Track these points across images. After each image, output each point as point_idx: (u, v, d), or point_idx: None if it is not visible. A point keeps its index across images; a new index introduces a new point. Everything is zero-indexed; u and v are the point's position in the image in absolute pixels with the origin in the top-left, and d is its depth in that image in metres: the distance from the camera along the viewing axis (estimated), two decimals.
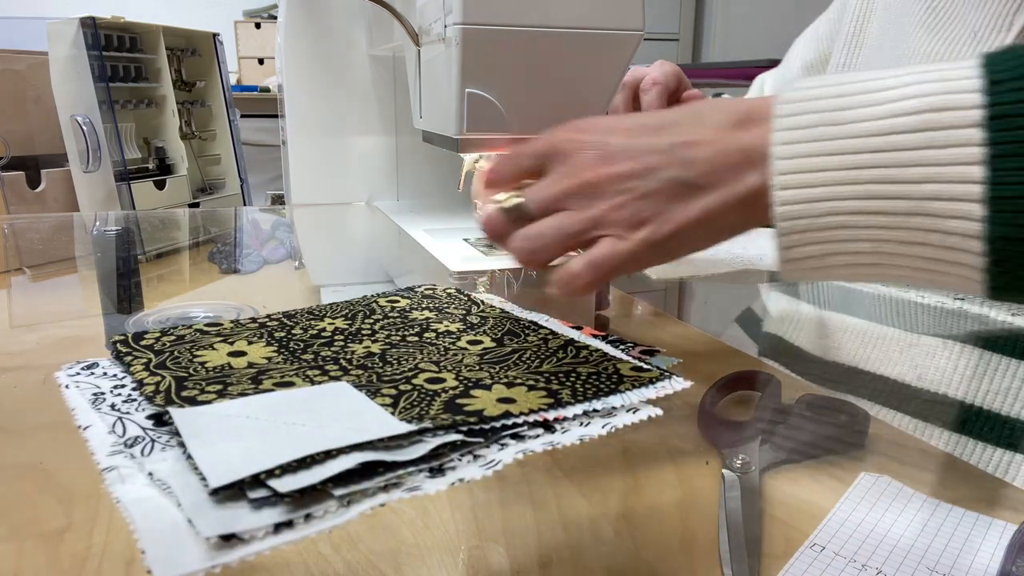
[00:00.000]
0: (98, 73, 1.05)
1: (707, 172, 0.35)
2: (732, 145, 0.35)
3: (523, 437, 0.30)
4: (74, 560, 0.31)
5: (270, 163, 2.12)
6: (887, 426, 0.47)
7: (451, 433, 0.28)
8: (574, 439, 0.30)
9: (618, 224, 0.37)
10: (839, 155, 0.32)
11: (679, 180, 0.36)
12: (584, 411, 0.32)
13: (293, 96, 0.82)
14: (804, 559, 0.32)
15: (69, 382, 0.34)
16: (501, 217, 0.41)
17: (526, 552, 0.33)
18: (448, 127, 0.51)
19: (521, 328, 0.43)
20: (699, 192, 0.36)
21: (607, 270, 0.37)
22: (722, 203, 0.35)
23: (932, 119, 0.30)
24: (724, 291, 0.85)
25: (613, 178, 0.37)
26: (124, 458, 0.27)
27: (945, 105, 0.30)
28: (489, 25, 0.46)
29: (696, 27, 3.40)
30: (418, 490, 0.26)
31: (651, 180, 0.37)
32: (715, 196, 0.35)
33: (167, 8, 2.72)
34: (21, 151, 1.10)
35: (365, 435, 0.27)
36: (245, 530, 0.22)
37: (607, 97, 0.51)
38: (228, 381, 0.34)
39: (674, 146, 0.36)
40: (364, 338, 0.41)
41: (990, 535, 0.34)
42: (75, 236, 1.01)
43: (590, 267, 0.38)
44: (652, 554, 0.33)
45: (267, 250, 0.91)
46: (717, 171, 0.35)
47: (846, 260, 0.33)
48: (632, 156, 0.37)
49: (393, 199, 0.87)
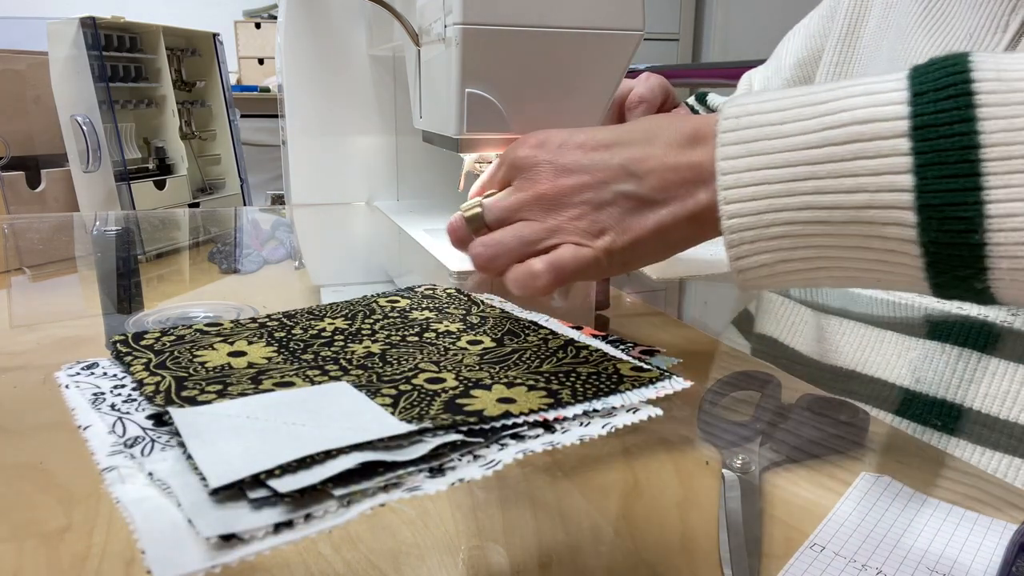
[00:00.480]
0: (98, 73, 1.05)
1: (658, 187, 0.37)
2: (682, 162, 0.37)
3: (523, 437, 0.30)
4: (74, 560, 0.31)
5: (270, 163, 2.12)
6: (887, 426, 0.47)
7: (451, 433, 0.28)
8: (574, 439, 0.30)
9: (577, 232, 0.39)
10: (777, 168, 0.33)
11: (631, 194, 0.38)
12: (584, 411, 0.32)
13: (293, 96, 0.82)
14: (804, 559, 0.32)
15: (69, 382, 0.34)
16: (462, 224, 0.43)
17: (526, 552, 0.33)
18: (448, 127, 0.51)
19: (521, 328, 0.43)
20: (652, 206, 0.37)
21: (568, 272, 0.39)
22: (674, 218, 0.37)
23: (861, 131, 0.31)
24: (724, 291, 0.85)
25: (568, 190, 0.39)
26: (124, 458, 0.27)
27: (872, 117, 0.31)
28: (489, 25, 0.46)
29: (696, 27, 3.40)
30: (418, 490, 0.26)
31: (605, 192, 0.38)
32: (667, 211, 0.37)
33: (167, 8, 2.72)
34: (21, 151, 1.10)
35: (365, 435, 0.27)
36: (245, 530, 0.22)
37: (607, 97, 0.51)
38: (228, 381, 0.34)
39: (625, 162, 0.38)
40: (364, 338, 0.41)
41: (990, 535, 0.34)
42: (75, 236, 1.01)
43: (550, 267, 0.39)
44: (652, 554, 0.33)
45: (267, 250, 0.91)
46: (668, 187, 0.37)
47: (796, 267, 0.34)
48: (586, 170, 0.39)
49: (393, 199, 0.87)
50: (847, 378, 0.58)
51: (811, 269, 0.34)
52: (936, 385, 0.53)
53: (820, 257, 0.34)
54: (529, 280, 0.39)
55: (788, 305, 0.70)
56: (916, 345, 0.55)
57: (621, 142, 0.39)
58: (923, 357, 0.54)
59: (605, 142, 0.39)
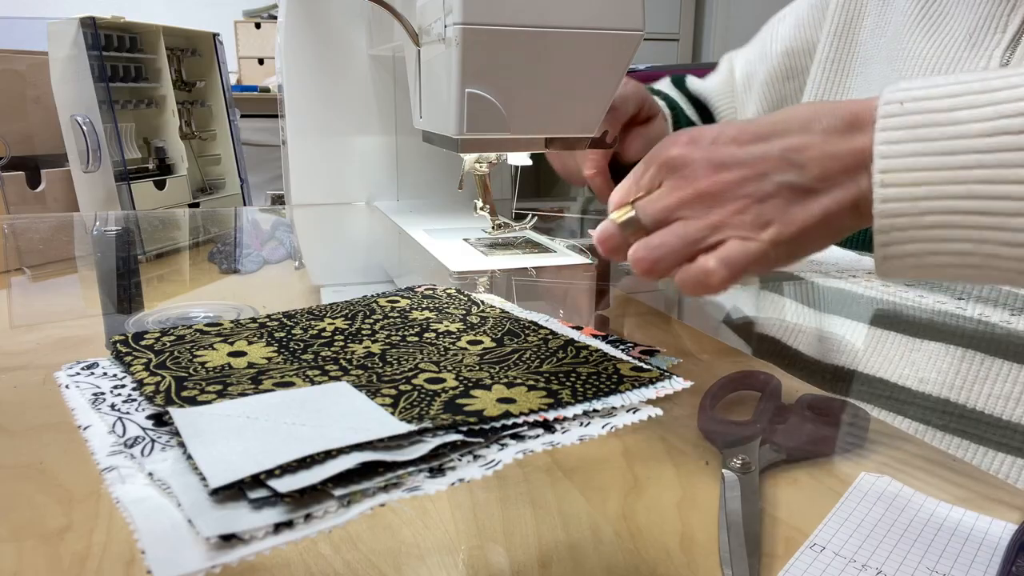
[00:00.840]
0: (98, 73, 1.05)
1: (820, 176, 0.36)
2: (842, 148, 0.36)
3: (523, 437, 0.30)
4: (74, 560, 0.31)
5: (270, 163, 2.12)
6: (887, 426, 0.47)
7: (451, 433, 0.28)
8: (574, 439, 0.30)
9: (742, 227, 0.37)
10: (943, 155, 0.32)
11: (794, 184, 0.37)
12: (584, 411, 0.32)
13: (293, 96, 0.82)
14: (804, 559, 0.32)
15: (69, 382, 0.34)
16: (616, 231, 0.40)
17: (526, 552, 0.33)
18: (448, 127, 0.51)
19: (521, 328, 0.43)
20: (814, 195, 0.36)
21: (740, 267, 0.37)
22: (838, 206, 0.36)
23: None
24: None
25: (728, 185, 0.38)
26: (124, 458, 0.27)
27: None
28: (489, 25, 0.46)
29: (696, 27, 3.40)
30: (418, 490, 0.26)
31: (766, 184, 0.37)
32: (830, 198, 0.36)
33: (167, 8, 2.72)
34: (21, 151, 1.10)
35: (365, 435, 0.27)
36: (245, 530, 0.22)
37: (607, 97, 0.51)
38: (228, 381, 0.34)
39: (785, 151, 0.37)
40: (364, 338, 0.41)
41: (990, 535, 0.34)
42: (75, 236, 1.01)
43: (724, 264, 0.37)
44: (652, 554, 0.33)
45: (267, 250, 0.91)
46: (829, 175, 0.36)
47: (947, 260, 0.33)
48: (744, 163, 0.38)
49: (393, 199, 0.87)
50: (847, 378, 0.58)
51: (961, 265, 0.33)
52: (939, 386, 0.53)
53: (975, 253, 0.32)
54: (703, 278, 0.38)
55: (788, 305, 0.70)
56: (918, 346, 0.55)
57: (777, 132, 0.38)
58: (925, 358, 0.54)
59: (761, 133, 0.38)
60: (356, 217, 0.87)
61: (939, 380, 0.53)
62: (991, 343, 0.52)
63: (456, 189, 0.58)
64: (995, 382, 0.50)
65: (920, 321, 0.57)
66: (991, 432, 0.49)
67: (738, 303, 0.76)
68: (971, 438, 0.50)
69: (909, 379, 0.54)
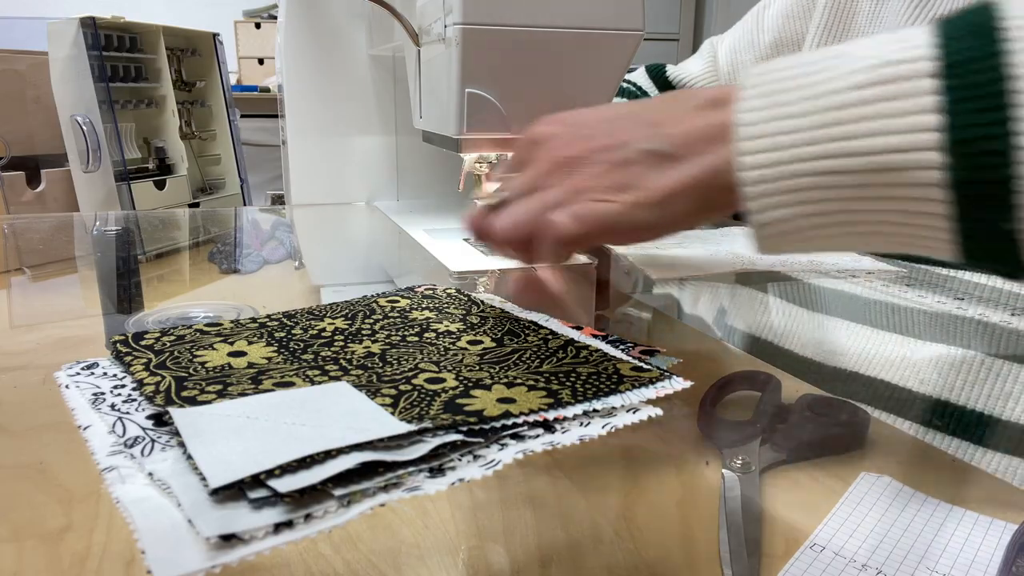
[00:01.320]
0: (98, 73, 1.05)
1: (680, 144, 0.36)
2: (706, 121, 0.36)
3: (523, 437, 0.30)
4: (74, 560, 0.31)
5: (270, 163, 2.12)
6: (887, 426, 0.47)
7: (451, 433, 0.28)
8: (574, 439, 0.30)
9: (599, 190, 0.38)
10: (798, 118, 0.32)
11: (654, 151, 0.37)
12: (584, 411, 0.32)
13: (293, 96, 0.82)
14: (804, 559, 0.32)
15: (69, 382, 0.34)
16: (483, 211, 0.41)
17: (526, 552, 0.33)
18: (448, 127, 0.51)
19: (521, 328, 0.43)
20: (676, 161, 0.36)
21: (591, 222, 0.37)
22: (702, 172, 0.36)
23: (887, 73, 0.30)
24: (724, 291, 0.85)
25: (590, 151, 0.38)
26: (124, 458, 0.27)
27: (902, 59, 0.30)
28: (489, 25, 0.46)
29: (696, 27, 3.40)
30: (418, 490, 0.26)
31: (627, 151, 0.37)
32: (693, 165, 0.36)
33: (167, 8, 2.72)
34: (21, 151, 1.10)
35: (365, 435, 0.27)
36: (245, 530, 0.22)
37: (607, 97, 0.51)
38: (228, 381, 0.34)
39: (649, 123, 0.38)
40: (364, 338, 0.41)
41: (990, 535, 0.34)
42: (75, 236, 1.01)
43: (573, 216, 0.37)
44: (652, 554, 0.33)
45: (267, 250, 0.91)
46: (691, 142, 0.36)
47: (817, 222, 0.33)
48: (607, 133, 0.38)
49: (393, 199, 0.87)
50: (847, 378, 0.58)
51: (833, 224, 0.32)
52: (939, 386, 0.53)
53: (842, 211, 0.32)
54: (550, 230, 0.38)
55: (788, 305, 0.70)
56: (918, 346, 0.55)
57: (644, 109, 0.38)
58: (925, 358, 0.54)
59: (624, 112, 0.39)
60: (356, 217, 0.87)
61: (939, 380, 0.53)
62: (991, 343, 0.52)
63: (456, 189, 0.58)
64: (995, 382, 0.50)
65: (920, 321, 0.57)
66: (991, 432, 0.49)
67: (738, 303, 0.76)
68: (971, 438, 0.50)
69: (909, 379, 0.54)
